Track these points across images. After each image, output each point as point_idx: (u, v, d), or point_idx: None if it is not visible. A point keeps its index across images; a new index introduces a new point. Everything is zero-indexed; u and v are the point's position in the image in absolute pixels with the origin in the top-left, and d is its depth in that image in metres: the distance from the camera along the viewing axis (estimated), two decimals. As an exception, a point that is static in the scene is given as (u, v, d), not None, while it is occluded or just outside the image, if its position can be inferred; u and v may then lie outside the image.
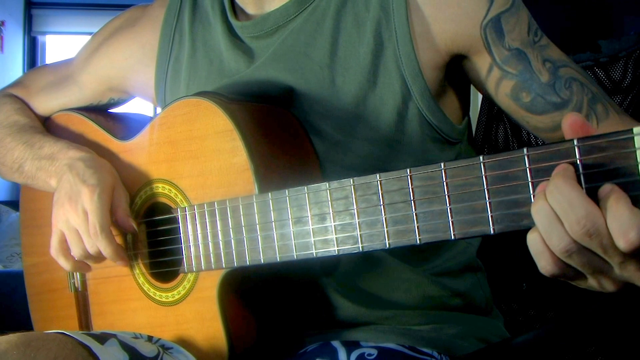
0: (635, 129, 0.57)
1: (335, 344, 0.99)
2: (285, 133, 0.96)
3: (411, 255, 0.99)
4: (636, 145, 0.57)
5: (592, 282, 0.64)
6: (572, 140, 0.60)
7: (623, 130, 0.57)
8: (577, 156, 0.60)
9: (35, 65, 4.75)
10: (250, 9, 1.03)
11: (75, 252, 1.01)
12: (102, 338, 0.86)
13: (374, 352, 0.96)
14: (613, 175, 0.58)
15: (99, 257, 1.00)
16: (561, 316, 1.26)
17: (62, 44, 5.05)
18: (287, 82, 0.98)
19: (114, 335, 0.89)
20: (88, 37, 1.23)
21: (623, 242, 0.55)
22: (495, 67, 0.94)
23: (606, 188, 0.58)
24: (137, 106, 1.32)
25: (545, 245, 0.61)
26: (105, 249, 0.98)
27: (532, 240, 0.62)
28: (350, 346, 0.98)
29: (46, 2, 4.78)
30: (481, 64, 0.95)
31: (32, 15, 4.76)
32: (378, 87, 0.95)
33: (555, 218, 0.59)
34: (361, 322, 1.00)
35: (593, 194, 0.59)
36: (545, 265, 0.62)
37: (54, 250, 1.03)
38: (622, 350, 1.12)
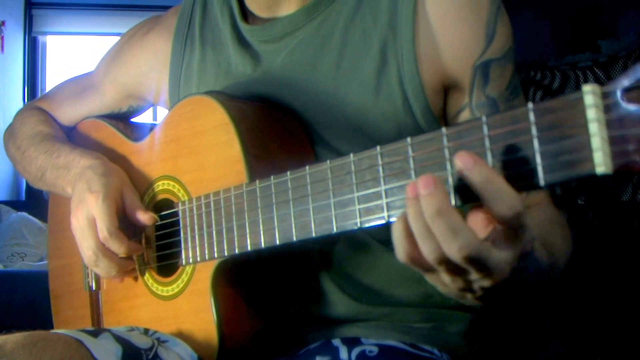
0: (585, 88, 0.55)
1: (336, 342, 0.98)
2: (284, 131, 0.98)
3: None
4: (586, 104, 0.55)
5: (444, 278, 0.65)
6: (527, 104, 0.59)
7: (574, 92, 0.57)
8: (532, 119, 0.59)
9: (35, 65, 4.81)
10: (260, 13, 1.06)
11: (83, 256, 1.05)
12: (96, 333, 0.88)
13: (375, 349, 0.95)
14: (566, 136, 0.57)
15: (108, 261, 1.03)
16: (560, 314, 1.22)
17: (62, 44, 5.07)
18: (292, 92, 1.00)
19: (108, 330, 0.91)
20: (88, 37, 1.30)
21: None
22: (468, 109, 0.96)
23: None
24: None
25: (410, 241, 0.62)
26: (119, 249, 1.01)
27: (398, 232, 0.63)
28: (351, 344, 0.97)
29: (46, 2, 4.83)
30: (456, 101, 0.97)
31: (32, 15, 4.81)
32: (380, 102, 0.95)
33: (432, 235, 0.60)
34: (361, 319, 0.99)
35: (548, 157, 0.57)
36: (401, 254, 0.64)
37: (86, 261, 1.06)
38: (622, 350, 1.08)
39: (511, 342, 1.23)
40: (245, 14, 1.09)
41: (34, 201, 4.30)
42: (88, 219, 1.02)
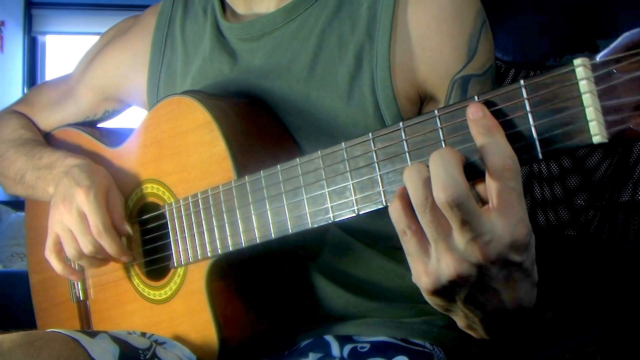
0: (576, 61, 0.57)
1: (328, 338, 0.99)
2: (266, 125, 0.98)
3: (382, 242, 0.99)
4: (578, 77, 0.57)
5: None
6: (518, 81, 0.60)
7: (565, 64, 0.58)
8: (525, 95, 0.60)
9: (35, 65, 4.75)
10: (239, 8, 1.06)
11: (69, 252, 1.02)
12: (93, 333, 0.87)
13: (367, 345, 0.96)
14: (559, 109, 0.58)
15: (92, 258, 1.02)
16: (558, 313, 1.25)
17: (62, 44, 5.00)
18: (266, 93, 1.00)
19: (105, 332, 0.90)
20: (88, 37, 1.29)
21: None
22: None
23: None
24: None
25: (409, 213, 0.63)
26: (110, 247, 1.00)
27: (397, 208, 0.64)
28: (343, 340, 0.98)
29: (46, 2, 4.76)
30: None
31: (32, 15, 4.74)
32: (352, 108, 0.95)
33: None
34: (352, 314, 0.99)
35: (543, 130, 0.59)
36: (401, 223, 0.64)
37: (48, 251, 1.05)
38: (622, 350, 1.10)
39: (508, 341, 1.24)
40: (226, 10, 1.08)
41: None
42: (78, 213, 1.00)
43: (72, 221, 1.00)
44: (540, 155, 0.59)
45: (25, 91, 4.64)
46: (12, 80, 4.58)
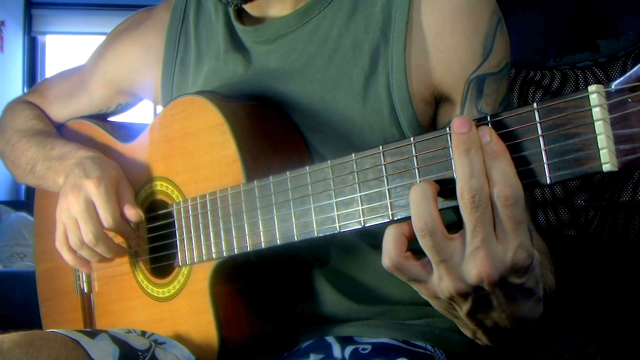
0: (590, 88, 0.57)
1: (330, 339, 0.98)
2: (277, 128, 0.98)
3: None
4: (591, 104, 0.57)
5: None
6: (532, 104, 0.60)
7: (580, 91, 0.58)
8: (537, 118, 0.60)
9: (35, 65, 4.78)
10: (252, 10, 1.06)
11: (72, 240, 1.03)
12: (93, 334, 0.88)
13: (368, 346, 0.96)
14: (571, 135, 0.58)
15: (92, 250, 1.02)
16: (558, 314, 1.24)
17: (62, 44, 5.04)
18: (281, 96, 1.00)
19: (105, 331, 0.90)
20: (88, 37, 1.29)
21: None
22: None
23: None
24: (141, 113, 1.35)
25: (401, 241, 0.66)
26: (119, 238, 1.02)
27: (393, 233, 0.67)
28: (345, 342, 0.98)
29: (46, 2, 4.79)
30: (447, 112, 0.96)
31: (32, 15, 4.77)
32: (367, 110, 0.95)
33: None
34: (354, 318, 0.99)
35: (553, 155, 0.59)
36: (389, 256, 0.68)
37: (58, 242, 1.05)
38: (622, 350, 1.10)
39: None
40: (239, 11, 1.08)
41: (33, 201, 4.24)
42: (86, 203, 1.00)
43: (78, 209, 1.01)
44: (548, 181, 0.59)
45: (25, 91, 4.61)
46: (12, 80, 4.60)
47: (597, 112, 0.56)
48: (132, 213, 1.01)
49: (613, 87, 0.56)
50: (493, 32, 0.92)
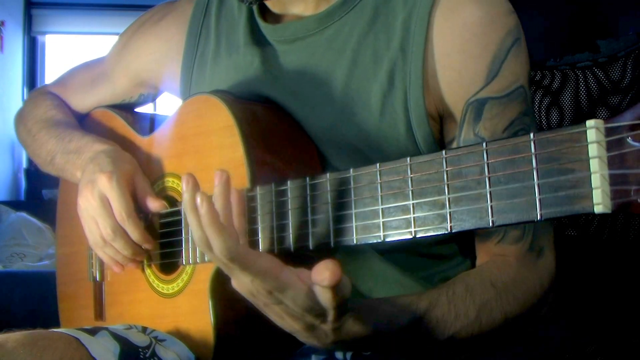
0: (588, 122, 0.54)
1: None
2: (290, 136, 0.97)
3: (408, 260, 0.97)
4: (588, 139, 0.54)
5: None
6: (528, 134, 0.58)
7: (577, 125, 0.55)
8: (533, 150, 0.57)
9: (34, 65, 4.84)
10: (274, 8, 1.04)
11: (90, 239, 1.04)
12: (93, 331, 0.89)
13: None
14: (565, 170, 0.55)
15: (112, 248, 1.03)
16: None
17: (62, 44, 5.08)
18: (298, 101, 0.99)
19: (105, 328, 0.91)
20: (88, 37, 1.29)
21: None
22: (455, 142, 0.92)
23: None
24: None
25: None
26: (133, 233, 1.01)
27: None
28: None
29: (46, 2, 4.84)
30: (448, 131, 0.94)
31: (32, 15, 4.82)
32: (383, 125, 0.93)
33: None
34: None
35: (546, 190, 0.56)
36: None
37: (92, 244, 1.06)
38: (622, 350, 1.07)
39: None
40: (263, 6, 1.07)
41: (33, 201, 4.35)
42: (101, 199, 1.01)
43: (94, 205, 1.01)
44: (538, 217, 0.56)
45: (25, 91, 4.75)
46: (12, 80, 4.67)
47: (593, 148, 0.53)
48: (156, 205, 1.01)
49: (613, 123, 0.53)
50: (504, 54, 0.88)
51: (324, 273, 0.64)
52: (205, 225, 0.70)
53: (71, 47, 5.09)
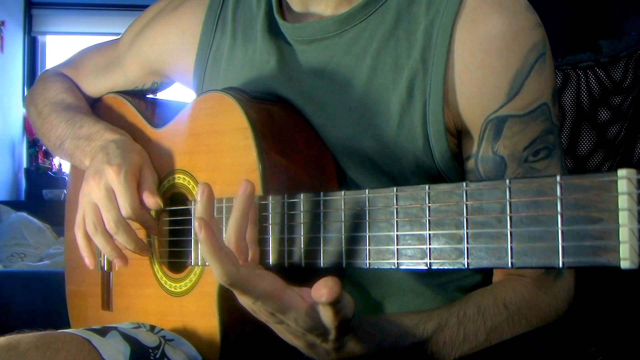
0: (620, 172, 0.51)
1: None
2: (305, 139, 0.95)
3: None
4: (619, 190, 0.51)
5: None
6: (554, 175, 0.55)
7: (608, 172, 0.52)
8: (559, 194, 0.55)
9: (35, 65, 4.84)
10: (295, 7, 1.01)
11: (89, 225, 1.02)
12: (103, 331, 0.88)
13: None
14: (592, 219, 0.53)
15: (108, 237, 1.01)
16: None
17: (62, 44, 5.09)
18: (315, 107, 0.96)
19: (115, 328, 0.90)
20: (88, 37, 1.26)
21: None
22: (472, 159, 0.89)
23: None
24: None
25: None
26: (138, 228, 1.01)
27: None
28: None
29: (46, 2, 4.83)
30: (466, 146, 0.91)
31: (32, 15, 4.82)
32: (401, 138, 0.90)
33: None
34: None
35: (570, 238, 0.54)
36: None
37: (76, 225, 1.05)
38: (622, 350, 1.07)
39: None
40: (282, 5, 1.04)
41: (33, 201, 4.39)
42: (107, 191, 0.99)
43: (99, 195, 1.00)
44: (560, 264, 0.54)
45: (25, 91, 4.72)
46: (12, 80, 4.65)
47: (623, 200, 0.51)
48: (151, 201, 0.99)
49: (646, 174, 0.50)
50: (527, 71, 0.85)
51: (321, 290, 0.64)
52: (203, 252, 0.70)
53: (71, 47, 5.08)
